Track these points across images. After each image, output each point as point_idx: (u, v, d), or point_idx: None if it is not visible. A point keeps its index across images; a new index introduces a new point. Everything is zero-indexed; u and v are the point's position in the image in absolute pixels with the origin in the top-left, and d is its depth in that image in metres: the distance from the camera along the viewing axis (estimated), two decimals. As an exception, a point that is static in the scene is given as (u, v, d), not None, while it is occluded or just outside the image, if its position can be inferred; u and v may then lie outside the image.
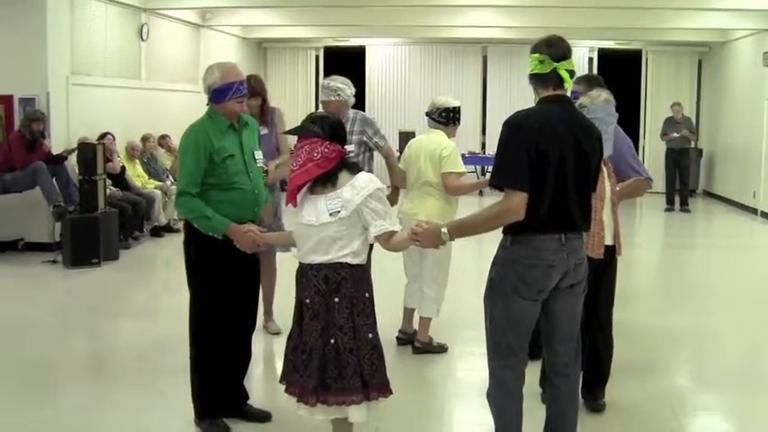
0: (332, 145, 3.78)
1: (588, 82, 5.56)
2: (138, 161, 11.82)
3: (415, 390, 5.59)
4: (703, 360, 6.53)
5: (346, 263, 3.76)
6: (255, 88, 6.29)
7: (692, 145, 16.23)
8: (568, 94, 4.00)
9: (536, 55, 3.83)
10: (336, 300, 3.76)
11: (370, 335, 3.81)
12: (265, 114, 6.52)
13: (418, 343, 6.24)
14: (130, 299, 8.27)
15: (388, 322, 6.23)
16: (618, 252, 4.97)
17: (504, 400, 3.91)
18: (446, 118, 6.21)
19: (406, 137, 16.96)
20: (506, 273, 3.77)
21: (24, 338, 6.67)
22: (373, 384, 3.78)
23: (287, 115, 6.74)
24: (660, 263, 11.16)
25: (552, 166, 3.65)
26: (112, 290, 8.62)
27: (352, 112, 6.21)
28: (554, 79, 3.80)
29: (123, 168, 11.21)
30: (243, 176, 4.57)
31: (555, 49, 3.81)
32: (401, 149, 17.71)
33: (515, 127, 3.72)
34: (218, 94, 4.56)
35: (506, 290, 3.77)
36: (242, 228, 4.42)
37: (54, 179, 9.84)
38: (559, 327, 3.91)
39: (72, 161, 10.20)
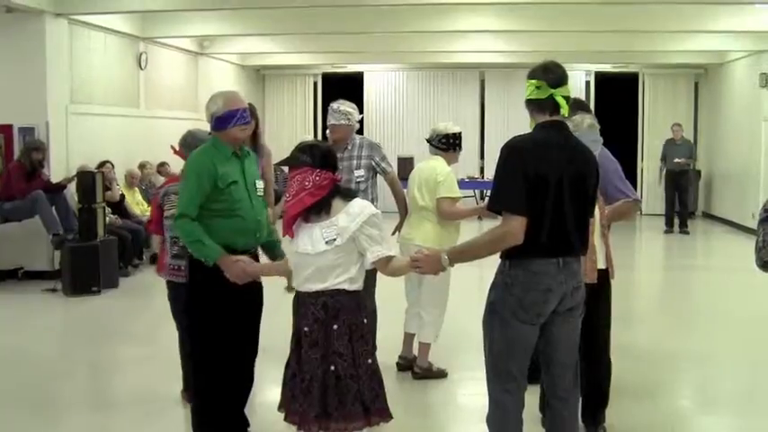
0: (323, 173, 3.77)
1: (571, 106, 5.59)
2: (137, 189, 11.84)
3: (416, 415, 5.57)
4: (704, 382, 6.51)
5: (344, 289, 3.75)
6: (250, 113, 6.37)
7: (691, 167, 16.25)
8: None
9: (533, 81, 3.86)
10: (335, 326, 3.75)
11: (369, 360, 3.79)
12: (257, 141, 6.51)
13: (418, 368, 6.22)
14: (130, 327, 8.25)
15: (388, 347, 6.23)
16: (611, 276, 4.90)
17: (503, 424, 3.91)
18: (446, 144, 6.23)
19: (404, 162, 17.02)
20: (505, 297, 3.78)
21: (24, 367, 6.65)
22: (374, 410, 3.75)
23: (286, 140, 6.81)
24: (660, 285, 11.14)
25: (550, 191, 3.69)
26: (112, 318, 8.60)
27: (358, 138, 6.24)
28: (550, 105, 3.83)
29: (122, 196, 11.23)
30: (246, 203, 4.59)
31: (551, 75, 3.85)
32: (400, 174, 17.77)
33: (513, 151, 3.76)
34: (221, 122, 4.59)
35: (505, 314, 3.78)
36: (232, 258, 4.42)
37: (53, 208, 9.85)
38: (558, 351, 3.91)
39: (71, 190, 10.22)
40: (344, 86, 17.51)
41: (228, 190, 4.52)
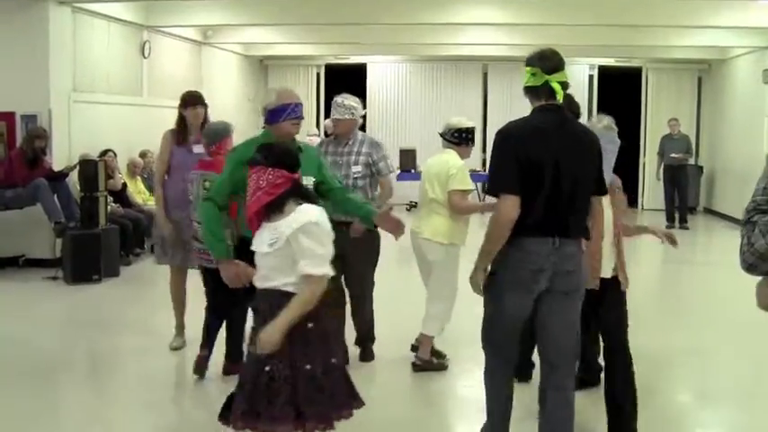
0: (276, 171, 3.69)
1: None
2: (139, 178, 11.85)
3: (415, 407, 5.59)
4: (703, 377, 6.52)
5: (289, 292, 3.65)
6: (200, 98, 6.63)
7: (690, 162, 16.24)
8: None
9: (528, 68, 3.98)
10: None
11: (308, 366, 3.65)
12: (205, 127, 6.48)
13: (418, 360, 6.23)
14: (131, 315, 8.25)
15: (392, 341, 6.25)
16: (623, 285, 4.79)
17: (491, 386, 4.19)
18: (458, 138, 6.23)
19: (406, 154, 17.04)
20: (498, 273, 3.95)
21: (24, 355, 6.66)
22: (309, 414, 3.62)
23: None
24: (659, 280, 11.15)
25: (545, 172, 3.81)
26: (113, 306, 8.61)
27: (360, 134, 6.24)
28: (546, 91, 3.95)
29: (124, 185, 11.23)
30: None
31: (547, 61, 3.96)
32: (402, 166, 17.83)
33: (504, 136, 3.94)
34: (273, 115, 4.64)
35: (498, 289, 3.97)
36: (231, 261, 4.47)
37: (55, 196, 9.85)
38: (553, 334, 3.99)
39: (73, 178, 10.22)
40: (347, 78, 17.51)
41: None
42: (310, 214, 3.65)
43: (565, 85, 3.98)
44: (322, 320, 3.73)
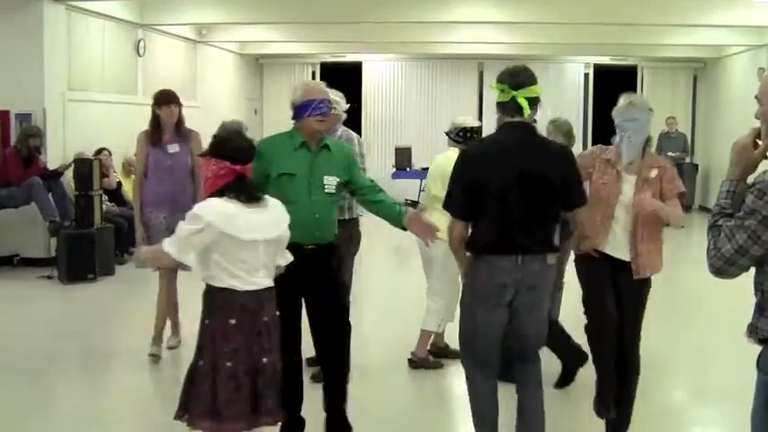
0: (219, 162, 3.77)
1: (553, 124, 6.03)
2: (134, 176, 11.81)
3: (415, 407, 5.59)
4: (698, 375, 6.53)
5: (207, 284, 3.78)
6: (174, 96, 6.42)
7: (686, 160, 16.25)
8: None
9: (497, 85, 4.09)
10: (206, 321, 3.80)
11: (229, 363, 3.68)
12: (179, 126, 6.45)
13: (414, 356, 6.22)
14: (126, 314, 8.25)
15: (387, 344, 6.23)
16: (635, 272, 4.64)
17: (474, 396, 4.27)
18: (463, 137, 6.28)
19: (402, 152, 17.04)
20: (468, 287, 4.20)
21: (19, 354, 6.64)
22: (226, 415, 3.66)
23: (284, 129, 6.72)
24: (655, 278, 11.14)
25: (491, 195, 3.96)
26: (108, 305, 8.60)
27: (341, 129, 6.05)
28: (513, 107, 4.02)
29: (119, 184, 11.22)
30: (302, 198, 4.40)
31: (514, 78, 4.05)
32: (397, 165, 17.81)
33: (461, 160, 4.18)
34: (298, 111, 4.53)
35: (470, 302, 4.17)
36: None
37: (50, 195, 9.83)
38: (520, 341, 4.17)
39: (68, 177, 10.20)
40: (343, 76, 17.49)
41: (279, 180, 4.41)
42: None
43: (533, 101, 4.03)
44: (248, 321, 3.74)
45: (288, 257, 4.02)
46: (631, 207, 4.54)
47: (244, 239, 3.68)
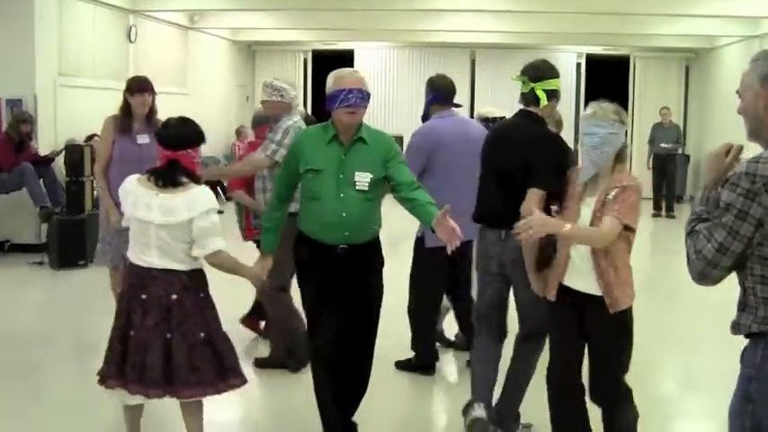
0: (158, 147, 4.09)
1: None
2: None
3: (415, 406, 5.59)
4: (688, 365, 6.57)
5: None
6: (148, 84, 6.40)
7: (679, 151, 16.30)
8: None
9: (519, 76, 4.44)
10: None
11: (132, 332, 4.01)
12: (151, 117, 6.27)
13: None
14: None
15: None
16: (610, 304, 3.85)
17: (476, 358, 4.68)
18: (486, 127, 6.29)
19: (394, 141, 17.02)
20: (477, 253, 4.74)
21: (9, 340, 6.64)
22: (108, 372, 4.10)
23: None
24: (645, 269, 11.18)
25: (486, 175, 4.50)
26: (99, 291, 8.55)
27: (284, 118, 5.60)
28: (531, 97, 4.39)
29: (111, 170, 11.17)
30: (328, 195, 4.12)
31: (533, 71, 4.42)
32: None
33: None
34: (328, 102, 4.19)
35: (477, 267, 4.73)
36: (268, 258, 4.37)
37: (41, 180, 9.81)
38: (518, 305, 4.54)
39: (59, 163, 10.18)
40: (335, 64, 17.31)
41: (306, 176, 4.16)
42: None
43: (552, 94, 4.39)
44: (128, 293, 4.04)
45: (207, 250, 3.96)
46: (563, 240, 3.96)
47: (137, 217, 4.00)
